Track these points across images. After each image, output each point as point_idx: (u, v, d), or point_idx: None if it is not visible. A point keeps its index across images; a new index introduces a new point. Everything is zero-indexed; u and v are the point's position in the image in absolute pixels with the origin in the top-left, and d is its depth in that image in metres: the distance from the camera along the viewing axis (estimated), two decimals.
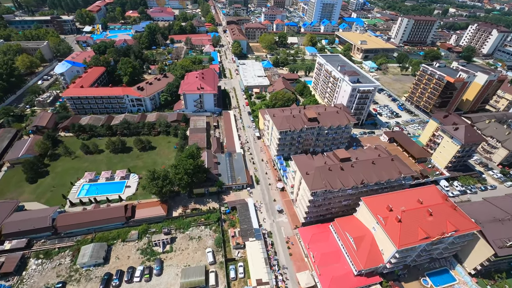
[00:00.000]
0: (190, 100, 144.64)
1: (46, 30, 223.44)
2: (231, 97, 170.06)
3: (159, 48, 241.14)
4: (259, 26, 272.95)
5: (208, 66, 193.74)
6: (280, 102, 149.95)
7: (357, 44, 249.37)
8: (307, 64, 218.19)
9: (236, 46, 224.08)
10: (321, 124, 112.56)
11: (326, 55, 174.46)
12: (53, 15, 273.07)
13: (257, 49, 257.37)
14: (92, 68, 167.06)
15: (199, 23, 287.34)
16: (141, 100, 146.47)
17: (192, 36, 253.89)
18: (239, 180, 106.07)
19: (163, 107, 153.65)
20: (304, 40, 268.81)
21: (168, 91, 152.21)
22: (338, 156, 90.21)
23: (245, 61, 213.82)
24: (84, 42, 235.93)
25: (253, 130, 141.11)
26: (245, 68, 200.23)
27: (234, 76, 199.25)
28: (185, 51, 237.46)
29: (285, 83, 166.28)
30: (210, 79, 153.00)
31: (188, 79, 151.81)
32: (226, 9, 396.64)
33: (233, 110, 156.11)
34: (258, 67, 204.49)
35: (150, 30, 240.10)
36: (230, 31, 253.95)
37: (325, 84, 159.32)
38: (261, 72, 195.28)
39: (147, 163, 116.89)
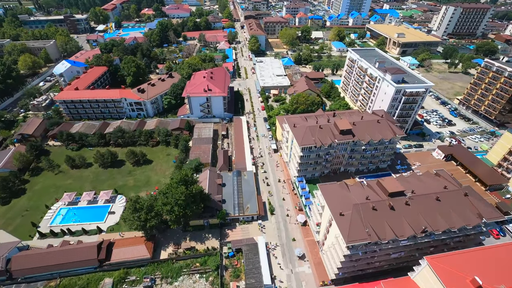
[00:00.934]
0: (195, 104, 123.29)
1: (56, 29, 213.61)
2: (245, 100, 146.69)
3: (171, 45, 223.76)
4: (279, 20, 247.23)
5: (221, 65, 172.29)
6: (302, 106, 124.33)
7: (393, 38, 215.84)
8: (334, 61, 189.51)
9: (253, 42, 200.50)
10: (357, 137, 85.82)
11: (360, 49, 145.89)
12: (67, 14, 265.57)
13: (277, 45, 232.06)
14: (93, 68, 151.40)
15: (215, 19, 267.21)
16: (140, 104, 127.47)
17: (206, 33, 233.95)
18: (248, 209, 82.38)
19: (167, 111, 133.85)
20: (331, 34, 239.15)
21: (172, 93, 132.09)
22: (386, 188, 63.44)
23: (262, 59, 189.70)
24: (94, 41, 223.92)
25: (269, 141, 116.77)
26: (262, 66, 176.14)
27: (250, 76, 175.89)
28: (198, 48, 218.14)
29: (309, 83, 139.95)
30: (220, 80, 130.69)
31: (194, 80, 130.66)
32: (245, 4, 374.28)
33: (246, 116, 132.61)
34: (278, 65, 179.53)
35: (161, 27, 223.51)
36: (248, 25, 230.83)
37: (358, 85, 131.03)
38: (280, 71, 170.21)
39: (139, 182, 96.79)
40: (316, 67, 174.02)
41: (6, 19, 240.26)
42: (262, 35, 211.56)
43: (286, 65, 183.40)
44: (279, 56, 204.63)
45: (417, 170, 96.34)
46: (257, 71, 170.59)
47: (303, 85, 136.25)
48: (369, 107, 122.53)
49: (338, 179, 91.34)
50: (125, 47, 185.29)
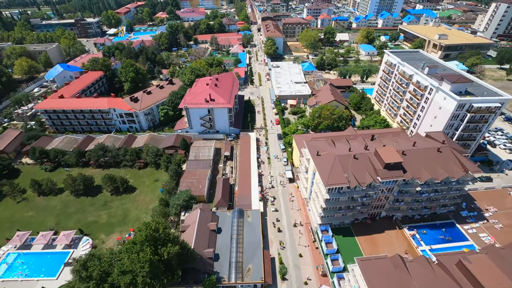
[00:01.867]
0: (195, 116, 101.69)
1: (63, 32, 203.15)
2: (256, 112, 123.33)
3: (180, 49, 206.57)
4: (299, 21, 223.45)
5: (231, 70, 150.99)
6: (326, 121, 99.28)
7: (433, 39, 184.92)
8: (363, 66, 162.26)
9: (270, 45, 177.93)
10: (410, 174, 59.42)
11: (400, 51, 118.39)
12: (78, 18, 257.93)
13: (297, 49, 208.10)
14: (87, 73, 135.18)
15: (230, 21, 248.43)
16: (132, 116, 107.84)
17: (219, 36, 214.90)
18: (250, 272, 58.07)
19: (164, 124, 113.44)
20: (358, 37, 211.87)
21: (171, 103, 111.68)
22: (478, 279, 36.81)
23: (279, 63, 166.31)
24: (102, 45, 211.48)
25: (283, 165, 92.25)
26: (278, 72, 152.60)
27: (264, 82, 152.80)
28: (209, 52, 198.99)
29: (335, 92, 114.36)
30: (226, 88, 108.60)
31: (196, 87, 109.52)
32: (263, 6, 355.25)
33: (257, 132, 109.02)
34: (296, 70, 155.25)
35: (171, 29, 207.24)
36: (264, 27, 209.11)
37: (398, 95, 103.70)
38: (299, 77, 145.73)
39: (114, 218, 75.66)
40: (343, 73, 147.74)
41: (18, 22, 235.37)
42: (279, 37, 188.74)
43: (306, 71, 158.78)
44: (299, 60, 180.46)
45: (493, 220, 67.79)
46: (273, 77, 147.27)
47: (327, 94, 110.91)
48: (414, 125, 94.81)
49: (379, 228, 65.24)
50: (129, 51, 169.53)
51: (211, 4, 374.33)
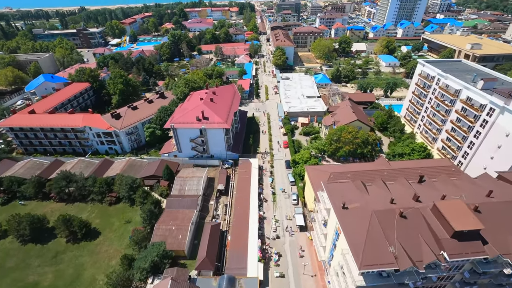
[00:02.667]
0: (184, 138, 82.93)
1: (60, 41, 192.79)
2: (261, 132, 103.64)
3: (183, 59, 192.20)
4: (312, 30, 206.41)
5: (235, 82, 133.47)
6: (348, 147, 78.72)
7: (464, 49, 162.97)
8: (386, 79, 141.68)
9: (279, 55, 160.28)
10: (493, 246, 37.44)
11: (437, 61, 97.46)
12: (80, 27, 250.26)
13: (309, 59, 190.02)
14: (71, 84, 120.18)
15: (237, 31, 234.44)
16: (112, 135, 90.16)
17: (224, 45, 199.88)
18: None
19: (150, 145, 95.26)
20: (377, 47, 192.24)
21: (159, 120, 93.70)
22: None
23: (289, 75, 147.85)
24: (101, 55, 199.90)
25: (292, 205, 71.36)
26: (288, 85, 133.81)
27: (272, 96, 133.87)
28: (213, 63, 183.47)
29: (356, 110, 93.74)
30: (223, 103, 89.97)
31: (189, 102, 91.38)
32: (273, 16, 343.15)
33: (261, 158, 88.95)
34: (309, 82, 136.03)
35: (174, 39, 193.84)
36: (273, 36, 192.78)
37: (439, 115, 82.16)
38: (312, 91, 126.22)
39: (62, 279, 56.16)
40: (363, 86, 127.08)
41: (19, 32, 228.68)
42: (290, 46, 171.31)
43: (320, 84, 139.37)
44: (311, 72, 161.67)
45: None
46: (281, 90, 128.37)
47: (348, 113, 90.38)
48: (464, 155, 72.68)
49: None
50: (125, 61, 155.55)
51: (220, 16, 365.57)
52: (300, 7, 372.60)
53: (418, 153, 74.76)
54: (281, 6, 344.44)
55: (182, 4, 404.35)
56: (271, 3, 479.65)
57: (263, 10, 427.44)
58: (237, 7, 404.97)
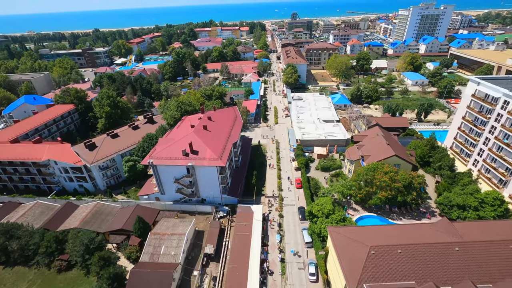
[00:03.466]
0: (167, 177, 64.26)
1: (61, 61, 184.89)
2: (268, 165, 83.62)
3: (186, 78, 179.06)
4: (326, 47, 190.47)
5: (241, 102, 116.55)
6: (385, 193, 57.48)
7: (505, 65, 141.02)
8: (417, 99, 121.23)
9: (290, 73, 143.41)
10: None
11: (492, 78, 76.29)
12: (86, 47, 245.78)
13: (323, 77, 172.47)
14: (53, 106, 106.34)
15: (246, 49, 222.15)
16: (81, 171, 72.78)
17: (231, 63, 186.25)
18: None
19: (130, 183, 77.15)
20: (399, 63, 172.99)
21: (141, 152, 76.04)
22: None
23: (302, 94, 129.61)
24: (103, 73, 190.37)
25: (309, 280, 49.67)
26: (301, 106, 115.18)
27: (282, 119, 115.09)
28: (219, 81, 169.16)
29: (390, 140, 72.77)
30: (220, 132, 71.61)
31: (178, 130, 73.78)
32: (284, 34, 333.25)
33: (266, 203, 68.44)
34: (325, 103, 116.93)
35: (178, 57, 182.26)
36: (284, 53, 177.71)
37: (510, 152, 60.04)
38: (330, 114, 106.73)
39: None
40: (391, 108, 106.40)
41: (25, 52, 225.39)
42: (302, 63, 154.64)
43: (338, 105, 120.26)
44: (327, 91, 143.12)
45: None
46: (293, 112, 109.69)
47: (380, 145, 69.56)
48: None
49: None
50: (122, 80, 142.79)
51: (230, 35, 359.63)
52: (312, 26, 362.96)
53: (492, 208, 52.15)
54: (292, 24, 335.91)
55: (192, 24, 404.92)
56: (282, 23, 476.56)
57: (274, 29, 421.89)
58: (248, 27, 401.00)
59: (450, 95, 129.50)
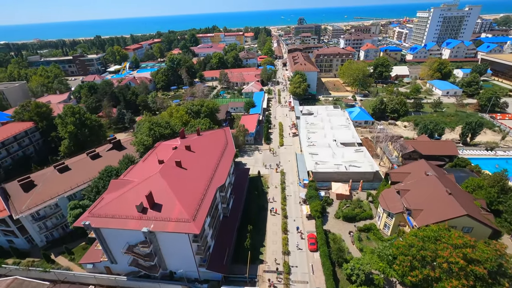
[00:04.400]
0: (117, 243, 42.79)
1: (44, 69, 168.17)
2: (269, 211, 61.31)
3: (181, 87, 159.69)
4: (338, 52, 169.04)
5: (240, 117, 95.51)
6: (457, 281, 34.34)
7: None
8: (457, 114, 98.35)
9: (297, 82, 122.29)
10: None
11: None
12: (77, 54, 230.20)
13: (336, 87, 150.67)
14: (8, 125, 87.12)
15: (248, 55, 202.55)
16: (7, 224, 52.08)
17: (232, 71, 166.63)
18: None
19: (81, 236, 56.01)
20: (424, 70, 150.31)
21: (94, 193, 55.08)
22: None
23: (313, 108, 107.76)
24: None
25: None
26: (312, 123, 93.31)
27: (289, 140, 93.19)
28: (217, 91, 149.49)
29: (448, 183, 50.02)
30: (201, 172, 50.22)
31: (142, 166, 52.64)
32: (290, 40, 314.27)
33: (266, 282, 46.16)
34: (341, 120, 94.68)
35: (172, 63, 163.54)
36: (291, 60, 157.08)
37: None
38: (348, 134, 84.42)
39: None
40: (427, 127, 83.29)
41: (12, 60, 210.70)
42: (312, 71, 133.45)
43: (357, 121, 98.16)
44: (341, 103, 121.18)
45: None
46: (302, 131, 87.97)
47: (438, 193, 46.76)
48: None
49: None
50: (104, 92, 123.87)
51: (234, 41, 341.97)
52: (320, 30, 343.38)
53: None
54: (299, 29, 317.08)
55: (195, 30, 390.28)
56: (289, 29, 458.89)
57: (280, 35, 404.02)
58: (252, 32, 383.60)
59: (494, 109, 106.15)
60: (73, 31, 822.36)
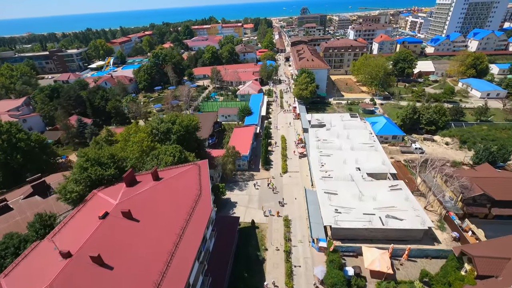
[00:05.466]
0: None
1: (9, 66, 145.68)
2: None
3: (167, 88, 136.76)
4: (351, 44, 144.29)
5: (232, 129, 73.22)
6: None
7: None
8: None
9: (304, 82, 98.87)
10: None
11: None
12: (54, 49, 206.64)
13: (349, 86, 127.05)
14: None
15: (246, 48, 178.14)
16: None
17: (226, 67, 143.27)
18: None
19: None
20: (453, 66, 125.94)
21: None
22: None
23: (324, 117, 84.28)
24: (65, 82, 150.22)
25: None
26: (325, 141, 70.37)
27: (294, 164, 70.43)
28: (208, 92, 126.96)
29: None
30: (141, 266, 27.71)
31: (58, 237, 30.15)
32: (293, 31, 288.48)
33: None
34: (363, 136, 71.46)
35: (156, 59, 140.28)
36: (295, 54, 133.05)
37: None
38: (377, 159, 61.39)
39: None
40: (489, 151, 60.38)
41: None
42: (322, 68, 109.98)
43: (382, 136, 75.24)
44: (358, 109, 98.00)
45: None
46: (312, 152, 65.49)
47: None
48: None
49: None
50: (68, 96, 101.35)
51: (232, 32, 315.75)
52: (326, 21, 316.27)
53: None
54: (303, 19, 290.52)
55: (190, 22, 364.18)
56: (291, 20, 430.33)
57: (282, 26, 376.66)
58: (252, 24, 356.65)
59: None
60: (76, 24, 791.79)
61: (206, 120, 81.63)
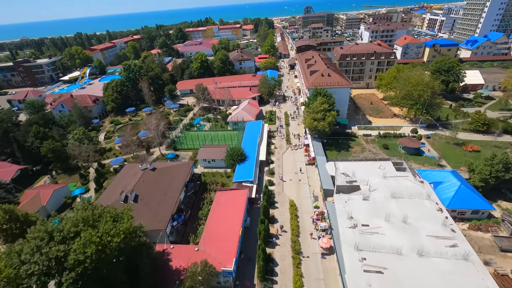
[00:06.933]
0: None
1: None
2: None
3: (141, 110, 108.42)
4: (375, 50, 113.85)
5: (219, 187, 43.98)
6: None
7: None
8: None
9: (318, 110, 69.43)
10: None
11: None
12: (20, 59, 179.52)
13: (375, 106, 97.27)
14: None
15: (243, 55, 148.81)
16: None
17: (219, 80, 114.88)
18: None
19: None
20: (508, 77, 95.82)
21: None
22: None
23: (353, 167, 54.60)
24: (22, 101, 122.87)
25: None
26: (364, 229, 41.08)
27: (315, 272, 41.34)
28: (193, 114, 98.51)
29: None
30: None
31: None
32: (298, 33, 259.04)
33: None
34: (427, 213, 41.83)
35: (128, 73, 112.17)
36: (303, 64, 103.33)
37: None
38: (467, 271, 31.96)
39: None
40: None
41: None
42: (342, 86, 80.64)
43: (454, 209, 45.55)
44: (399, 149, 68.29)
45: None
46: (346, 254, 36.14)
47: None
48: None
49: None
50: (5, 129, 73.58)
51: (230, 35, 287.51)
52: (333, 20, 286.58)
53: None
54: (308, 19, 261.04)
55: (185, 24, 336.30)
56: (294, 19, 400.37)
57: (284, 26, 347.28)
58: (252, 25, 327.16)
59: None
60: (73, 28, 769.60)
61: (173, 180, 52.82)
